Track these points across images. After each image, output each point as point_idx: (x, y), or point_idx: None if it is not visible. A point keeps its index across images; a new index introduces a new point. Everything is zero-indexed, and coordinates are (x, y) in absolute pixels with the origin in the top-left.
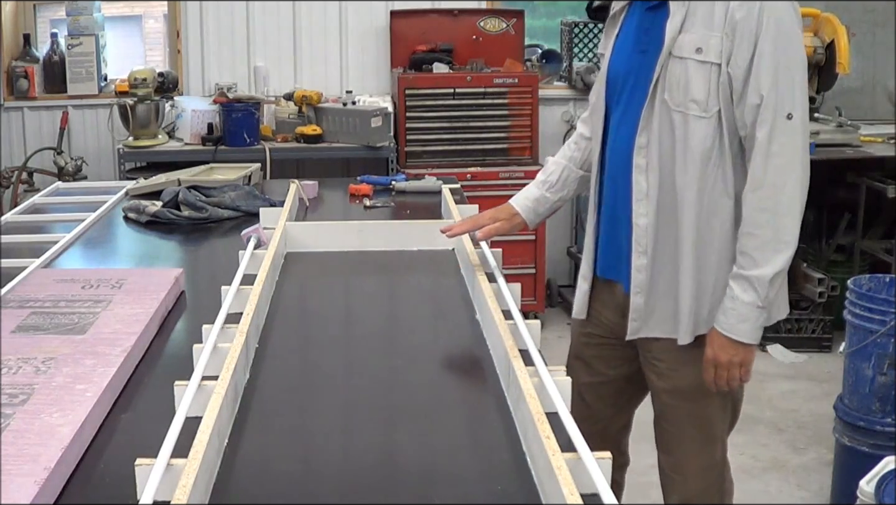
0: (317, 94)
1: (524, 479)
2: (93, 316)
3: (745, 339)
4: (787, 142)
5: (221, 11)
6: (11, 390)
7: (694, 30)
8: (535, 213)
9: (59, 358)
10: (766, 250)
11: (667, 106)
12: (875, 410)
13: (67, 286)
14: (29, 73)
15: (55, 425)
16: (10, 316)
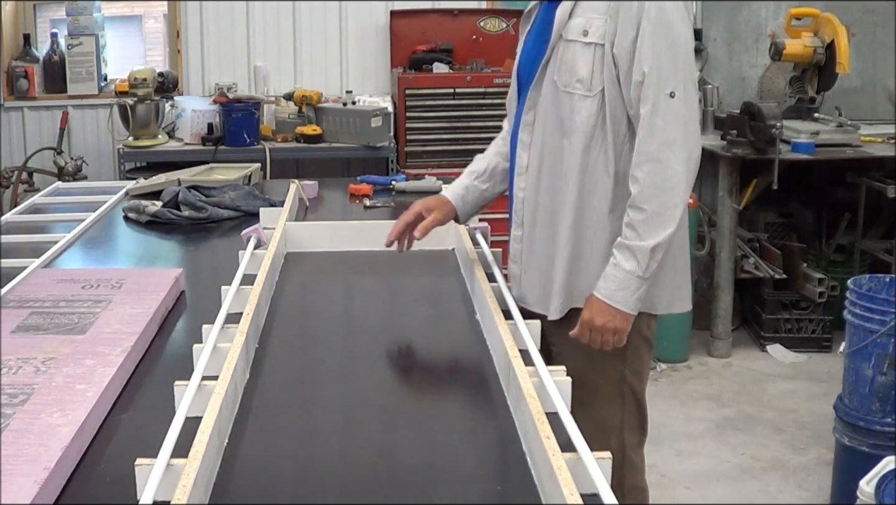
0: (317, 94)
1: (524, 479)
2: (93, 316)
3: (622, 306)
4: (670, 119)
5: (221, 11)
6: (11, 390)
7: (582, 14)
8: (464, 201)
9: (59, 358)
10: (652, 224)
11: (555, 86)
12: (875, 410)
13: (67, 286)
14: (29, 73)
15: (55, 425)
16: (10, 316)
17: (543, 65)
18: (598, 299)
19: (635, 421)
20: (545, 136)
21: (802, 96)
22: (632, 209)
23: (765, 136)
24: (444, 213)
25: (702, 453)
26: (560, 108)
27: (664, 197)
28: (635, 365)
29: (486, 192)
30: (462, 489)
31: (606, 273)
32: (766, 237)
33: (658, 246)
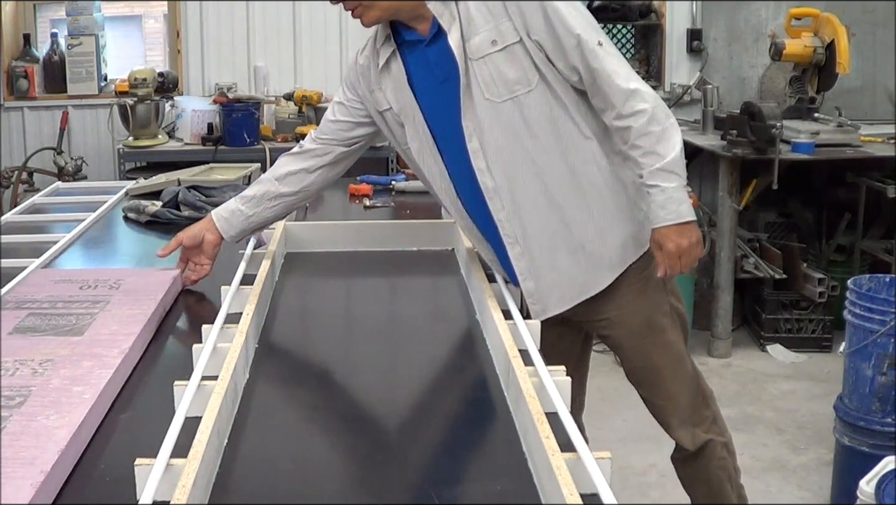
0: (317, 94)
1: (524, 479)
2: (90, 317)
3: (689, 216)
4: (615, 60)
5: (221, 11)
6: (8, 393)
7: (477, 32)
8: (230, 225)
9: (57, 360)
10: (664, 139)
11: (491, 104)
12: (875, 410)
13: (65, 287)
14: (29, 73)
15: (52, 428)
16: (8, 317)
17: (465, 92)
18: (669, 226)
19: (684, 337)
20: (502, 152)
21: (802, 96)
22: (640, 140)
23: (765, 136)
24: (208, 243)
25: None
26: (509, 119)
27: (659, 114)
28: (673, 289)
29: (254, 218)
30: (462, 489)
31: (657, 201)
32: (766, 237)
33: (680, 151)
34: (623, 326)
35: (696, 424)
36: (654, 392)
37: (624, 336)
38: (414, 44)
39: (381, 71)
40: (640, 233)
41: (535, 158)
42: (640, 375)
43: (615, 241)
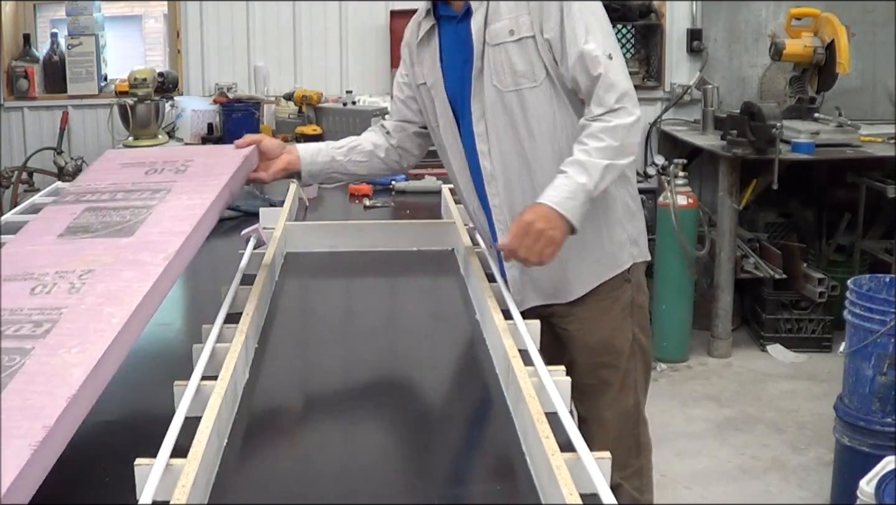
0: (317, 94)
1: (524, 479)
2: (146, 211)
3: (568, 214)
4: (620, 74)
5: (221, 11)
6: (38, 317)
7: (499, 19)
8: (313, 158)
9: (98, 270)
10: (608, 151)
11: (497, 91)
12: (875, 410)
13: (131, 172)
14: (29, 73)
15: (70, 365)
16: (64, 212)
17: (477, 75)
18: (544, 204)
19: (644, 378)
20: (501, 140)
21: (802, 96)
22: (589, 138)
23: (765, 136)
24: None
25: (702, 453)
26: (511, 109)
27: (624, 134)
28: (642, 322)
29: (336, 165)
30: (462, 489)
31: (556, 183)
32: (766, 237)
33: (611, 167)
34: (580, 340)
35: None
36: (589, 412)
37: (578, 350)
38: (449, 20)
39: (419, 44)
40: (618, 253)
41: (528, 155)
42: (583, 392)
43: (591, 257)
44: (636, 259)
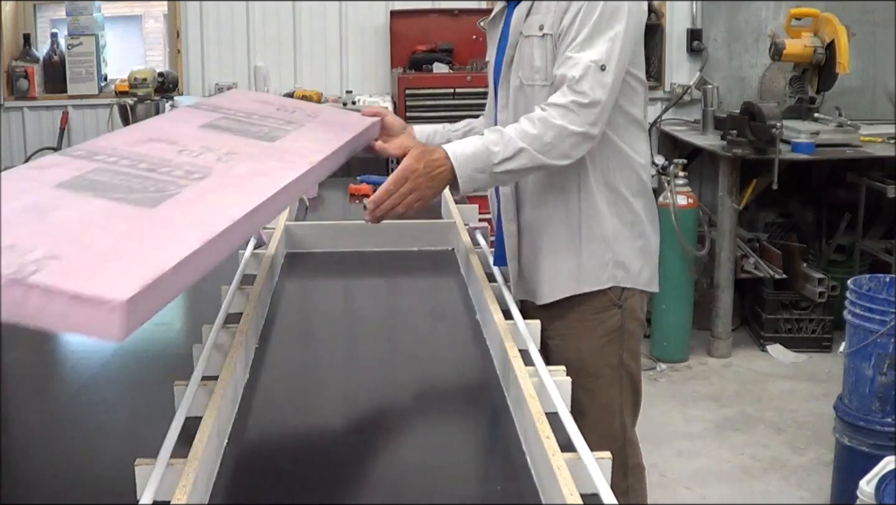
0: (317, 94)
1: (524, 479)
2: (283, 132)
3: (458, 170)
4: (594, 87)
5: (221, 11)
6: (189, 168)
7: (538, 11)
8: (429, 139)
9: (242, 154)
10: (535, 142)
11: (520, 82)
12: (875, 410)
13: (263, 106)
14: (29, 73)
15: (227, 204)
16: (200, 116)
17: (507, 63)
18: (440, 151)
19: (631, 401)
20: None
21: (802, 96)
22: (527, 120)
23: (765, 136)
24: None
25: (702, 453)
26: (525, 102)
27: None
28: (632, 348)
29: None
30: (462, 489)
31: (469, 140)
32: (766, 237)
33: (526, 153)
34: (558, 355)
35: None
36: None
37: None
38: (514, 3)
39: (490, 22)
40: (596, 272)
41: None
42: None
43: (565, 267)
44: (620, 283)
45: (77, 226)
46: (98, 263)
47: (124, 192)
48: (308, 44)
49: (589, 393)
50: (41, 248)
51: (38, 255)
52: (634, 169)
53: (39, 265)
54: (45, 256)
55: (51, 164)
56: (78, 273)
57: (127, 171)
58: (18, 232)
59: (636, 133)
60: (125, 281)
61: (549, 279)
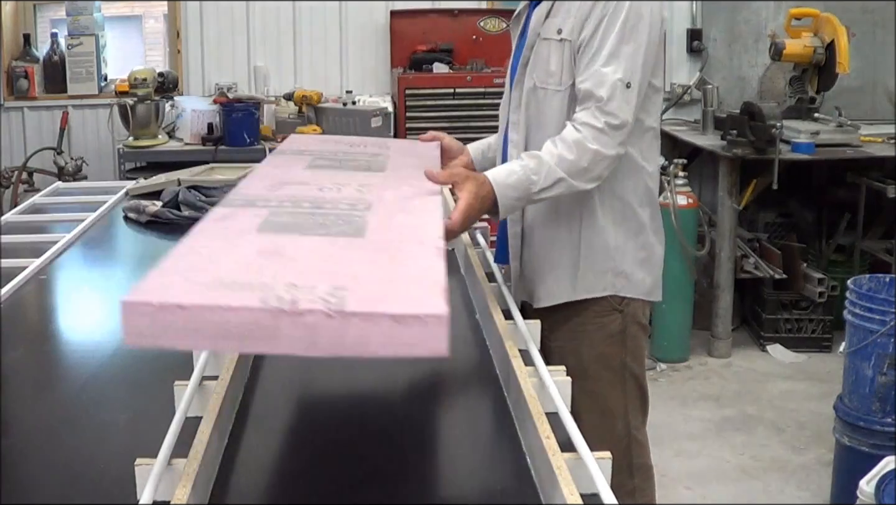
0: (317, 94)
1: (524, 479)
2: (380, 163)
3: (499, 193)
4: (622, 107)
5: (221, 11)
6: (349, 203)
7: (557, 14)
8: (484, 157)
9: (374, 185)
10: (573, 168)
11: (534, 84)
12: (875, 410)
13: (334, 144)
14: (29, 73)
15: (417, 225)
16: (292, 161)
17: (523, 64)
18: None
19: (638, 403)
20: (528, 134)
21: (802, 96)
22: (563, 143)
23: (765, 136)
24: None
25: (702, 453)
26: (538, 105)
27: (595, 162)
28: (635, 351)
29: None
30: (462, 489)
31: (510, 167)
32: (766, 237)
33: (564, 182)
34: (558, 358)
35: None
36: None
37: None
38: (535, 3)
39: (514, 19)
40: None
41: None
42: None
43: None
44: (619, 292)
45: (322, 260)
46: (387, 287)
47: (322, 228)
48: (308, 44)
49: (590, 395)
50: (320, 284)
51: (324, 289)
52: (642, 178)
53: (337, 297)
54: (333, 289)
55: (225, 215)
56: (382, 298)
57: (301, 212)
58: (275, 272)
59: (648, 141)
60: (428, 297)
61: (547, 284)
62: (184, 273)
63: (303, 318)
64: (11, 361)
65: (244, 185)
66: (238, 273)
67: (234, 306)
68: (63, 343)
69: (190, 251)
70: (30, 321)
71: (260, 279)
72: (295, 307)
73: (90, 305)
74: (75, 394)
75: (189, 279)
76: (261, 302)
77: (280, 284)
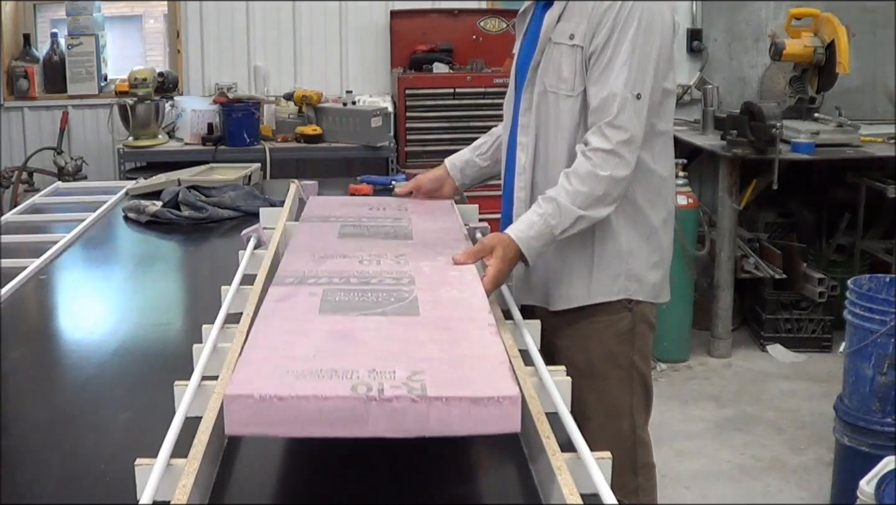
0: (317, 94)
1: (524, 479)
2: (405, 227)
3: (528, 253)
4: (631, 121)
5: (221, 11)
6: (393, 275)
7: (569, 18)
8: (463, 174)
9: (408, 255)
10: (589, 200)
11: (545, 88)
12: (875, 410)
13: (356, 208)
14: (29, 73)
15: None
16: (325, 229)
17: (534, 67)
18: (510, 238)
19: (643, 402)
20: (538, 138)
21: (802, 96)
22: (575, 177)
23: (765, 136)
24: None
25: (702, 453)
26: (549, 109)
27: (610, 186)
28: (643, 350)
29: (486, 169)
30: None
31: (530, 218)
32: (766, 237)
33: (584, 218)
34: (567, 357)
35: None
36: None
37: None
38: (542, 3)
39: (520, 15)
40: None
41: (552, 162)
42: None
43: (578, 279)
44: (632, 295)
45: (391, 341)
46: (459, 370)
47: (378, 307)
48: (308, 44)
49: (598, 394)
50: (398, 369)
51: (404, 374)
52: (654, 182)
53: (418, 382)
54: (412, 373)
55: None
56: (459, 381)
57: (352, 289)
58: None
59: (661, 144)
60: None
61: (561, 288)
62: (273, 363)
63: (391, 403)
64: (11, 361)
65: (289, 261)
66: (320, 360)
67: (328, 396)
68: (63, 343)
69: (267, 338)
70: (30, 321)
71: (342, 365)
72: (383, 394)
73: (90, 305)
74: (75, 394)
75: (279, 369)
76: (351, 390)
77: (362, 369)
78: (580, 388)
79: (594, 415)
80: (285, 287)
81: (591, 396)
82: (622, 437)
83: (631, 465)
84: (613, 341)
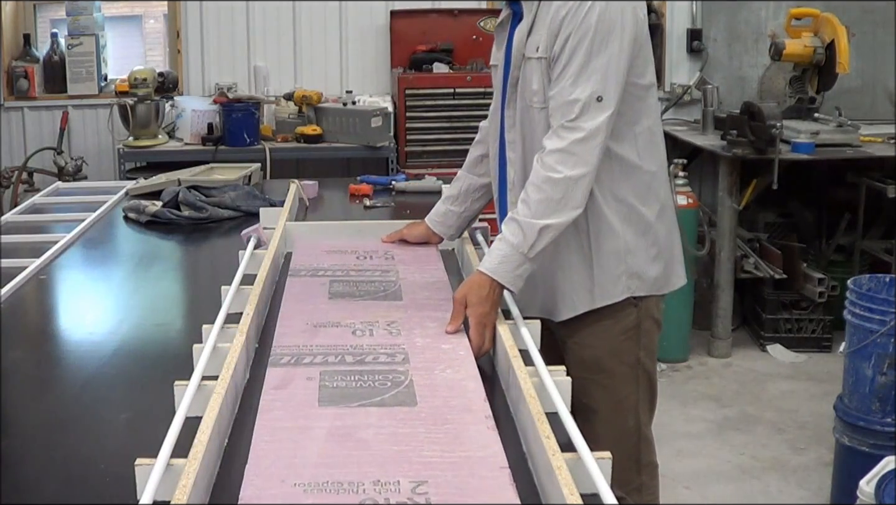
0: (317, 94)
1: (524, 479)
2: (393, 284)
3: (502, 279)
4: (590, 123)
5: (221, 11)
6: (387, 351)
7: (538, 32)
8: (446, 227)
9: (400, 322)
10: (550, 207)
11: (525, 103)
12: (875, 410)
13: (341, 256)
14: (29, 73)
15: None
16: (313, 284)
17: (513, 84)
18: (479, 273)
19: (647, 399)
20: (525, 152)
21: (802, 96)
22: (532, 187)
23: (765, 136)
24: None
25: (702, 453)
26: (530, 124)
27: (568, 188)
28: (648, 347)
29: (466, 213)
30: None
31: (492, 248)
32: (766, 237)
33: (549, 227)
34: (574, 353)
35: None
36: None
37: (571, 364)
38: (518, 15)
39: (498, 26)
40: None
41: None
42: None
43: (580, 284)
44: (635, 293)
45: (391, 443)
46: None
47: (375, 395)
48: (308, 44)
49: (605, 390)
50: (401, 478)
51: (408, 484)
52: (642, 178)
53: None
54: (416, 483)
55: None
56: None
57: (349, 371)
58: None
59: (645, 140)
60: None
61: (564, 296)
62: (280, 475)
63: None
64: (11, 361)
65: (282, 332)
66: (325, 468)
67: None
68: (63, 343)
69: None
70: (30, 321)
71: (347, 477)
72: None
73: (90, 305)
74: (75, 394)
75: (287, 481)
76: None
77: (367, 481)
78: (587, 382)
79: (601, 408)
80: (282, 368)
81: (597, 391)
82: (627, 433)
83: (635, 462)
84: (619, 338)
